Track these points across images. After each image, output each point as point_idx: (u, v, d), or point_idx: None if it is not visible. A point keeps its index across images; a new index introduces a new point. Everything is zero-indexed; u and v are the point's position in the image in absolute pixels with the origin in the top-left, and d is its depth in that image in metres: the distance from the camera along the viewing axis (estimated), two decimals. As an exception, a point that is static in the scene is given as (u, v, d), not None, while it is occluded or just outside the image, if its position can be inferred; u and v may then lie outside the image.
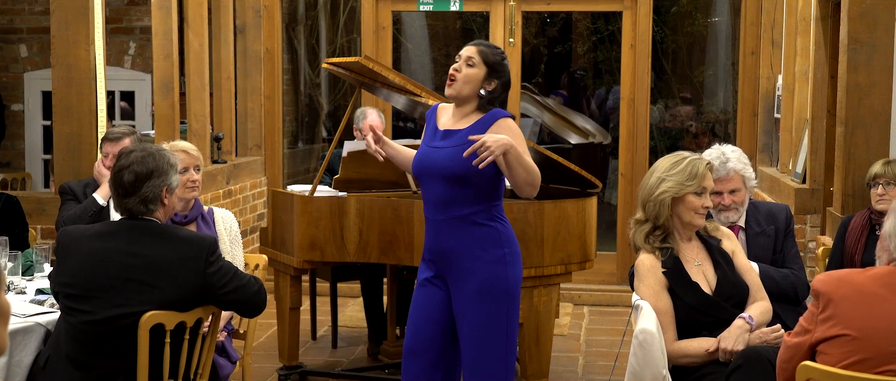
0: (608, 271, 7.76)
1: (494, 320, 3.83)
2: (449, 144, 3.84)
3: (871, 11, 4.98)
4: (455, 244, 3.84)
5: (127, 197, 3.46)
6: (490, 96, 3.87)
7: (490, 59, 3.86)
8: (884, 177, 4.64)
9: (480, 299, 3.82)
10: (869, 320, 2.89)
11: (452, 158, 3.79)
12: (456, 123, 3.90)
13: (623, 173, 7.74)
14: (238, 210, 7.31)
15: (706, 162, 3.84)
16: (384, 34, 7.81)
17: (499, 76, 3.88)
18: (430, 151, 3.88)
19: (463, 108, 3.91)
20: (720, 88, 10.34)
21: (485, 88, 3.86)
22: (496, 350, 3.85)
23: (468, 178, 3.77)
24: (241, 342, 4.55)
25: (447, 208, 3.83)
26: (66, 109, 5.64)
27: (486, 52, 3.87)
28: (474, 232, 3.82)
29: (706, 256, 3.85)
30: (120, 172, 3.47)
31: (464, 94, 3.87)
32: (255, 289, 3.60)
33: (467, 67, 3.86)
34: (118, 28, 9.14)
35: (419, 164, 3.92)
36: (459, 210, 3.82)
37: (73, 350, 3.44)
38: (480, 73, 3.85)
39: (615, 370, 5.55)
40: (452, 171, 3.79)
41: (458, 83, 3.85)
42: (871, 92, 5.01)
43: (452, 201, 3.82)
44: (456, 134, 3.85)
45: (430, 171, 3.86)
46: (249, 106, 7.86)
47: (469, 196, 3.81)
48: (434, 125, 3.97)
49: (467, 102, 3.89)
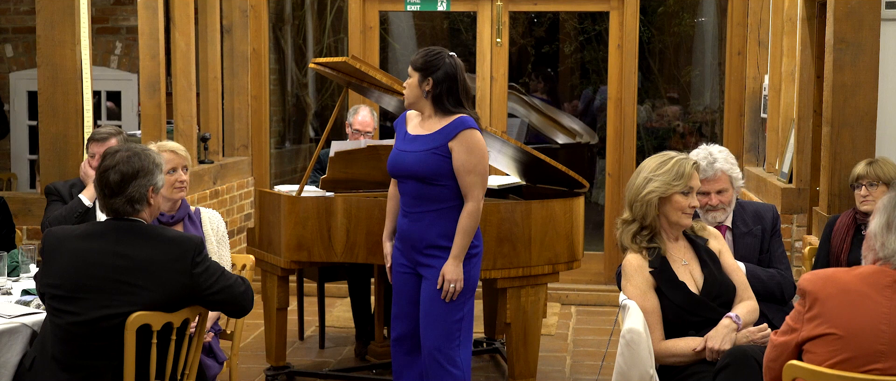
0: (595, 270, 7.77)
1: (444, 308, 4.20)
2: (416, 147, 4.23)
3: (856, 12, 4.99)
4: (422, 233, 4.23)
5: (113, 197, 3.45)
6: (436, 93, 4.21)
7: (418, 64, 4.24)
8: (867, 178, 4.65)
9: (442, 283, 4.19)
10: (855, 319, 2.90)
11: (419, 161, 4.19)
12: (422, 129, 4.28)
13: (610, 173, 7.76)
14: (225, 210, 7.30)
15: (693, 162, 3.85)
16: (371, 34, 7.81)
17: (431, 74, 4.22)
18: (401, 154, 4.27)
19: (423, 113, 4.30)
20: (707, 88, 10.37)
21: (424, 88, 4.22)
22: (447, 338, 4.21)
23: (434, 179, 4.19)
24: (229, 342, 4.54)
25: (420, 202, 4.23)
26: (52, 109, 5.61)
27: (415, 59, 4.27)
28: (443, 225, 4.21)
29: (693, 255, 3.86)
30: (105, 172, 3.46)
31: (412, 101, 4.28)
32: (242, 289, 3.59)
33: (409, 78, 4.27)
34: (104, 28, 9.11)
35: (392, 165, 4.31)
36: (430, 205, 4.22)
37: (59, 351, 3.42)
38: (414, 79, 4.24)
39: (602, 369, 5.56)
40: (420, 172, 4.19)
41: (406, 96, 4.30)
42: (856, 92, 5.03)
43: (424, 196, 4.22)
44: (421, 139, 4.23)
45: (401, 171, 4.26)
46: (236, 106, 7.85)
47: (437, 194, 4.20)
48: (404, 130, 4.33)
49: (421, 107, 4.28)
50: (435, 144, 4.18)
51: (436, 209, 4.20)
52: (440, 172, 4.16)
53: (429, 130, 4.22)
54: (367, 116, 6.32)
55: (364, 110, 6.36)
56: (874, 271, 2.95)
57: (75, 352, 3.41)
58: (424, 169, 4.17)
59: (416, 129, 4.28)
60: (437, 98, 4.21)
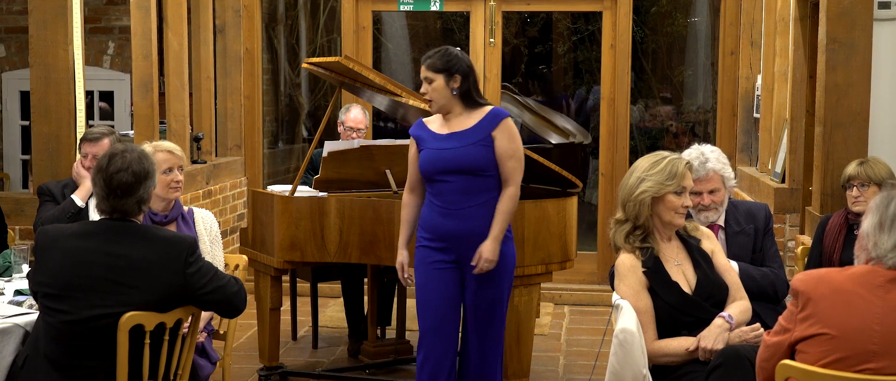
0: (588, 270, 7.78)
1: (502, 291, 4.41)
2: (458, 143, 4.31)
3: (849, 12, 5.00)
4: (475, 227, 4.30)
5: (123, 197, 3.44)
6: (463, 89, 4.32)
7: (439, 65, 4.31)
8: (858, 178, 4.65)
9: (495, 273, 4.34)
10: (847, 319, 2.90)
11: (469, 155, 4.28)
12: (457, 126, 4.35)
13: (603, 173, 7.76)
14: (218, 210, 7.29)
15: (685, 161, 3.85)
16: (364, 34, 7.80)
17: (455, 71, 4.32)
18: (442, 152, 4.31)
19: (452, 113, 4.36)
20: (700, 88, 10.38)
21: (452, 87, 4.31)
22: (501, 319, 4.45)
23: (483, 170, 4.29)
24: (222, 342, 4.53)
25: (469, 196, 4.31)
26: (44, 109, 5.60)
27: (432, 62, 4.32)
28: (490, 215, 4.31)
29: (686, 255, 3.87)
30: (117, 173, 3.44)
31: (442, 104, 4.34)
32: (235, 289, 3.59)
33: (429, 84, 4.32)
34: (97, 28, 9.09)
35: (435, 164, 4.32)
36: (479, 197, 4.31)
37: (51, 351, 3.42)
38: (440, 80, 4.31)
39: (596, 369, 5.56)
40: (471, 165, 4.28)
41: (435, 101, 4.34)
42: (849, 92, 5.04)
43: (472, 190, 4.31)
44: (460, 135, 4.32)
45: (448, 168, 4.29)
46: (229, 106, 7.84)
47: (486, 185, 4.32)
48: (430, 132, 4.38)
49: (450, 107, 4.34)
50: (479, 136, 4.30)
51: (484, 201, 4.32)
52: (489, 163, 4.30)
53: (465, 125, 4.33)
54: (358, 114, 6.33)
55: (356, 108, 6.36)
56: (866, 271, 2.96)
57: (68, 351, 3.40)
58: (475, 161, 4.28)
59: (447, 127, 4.36)
60: (465, 94, 4.34)
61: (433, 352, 4.38)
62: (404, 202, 4.50)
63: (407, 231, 4.49)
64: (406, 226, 4.49)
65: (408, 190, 4.50)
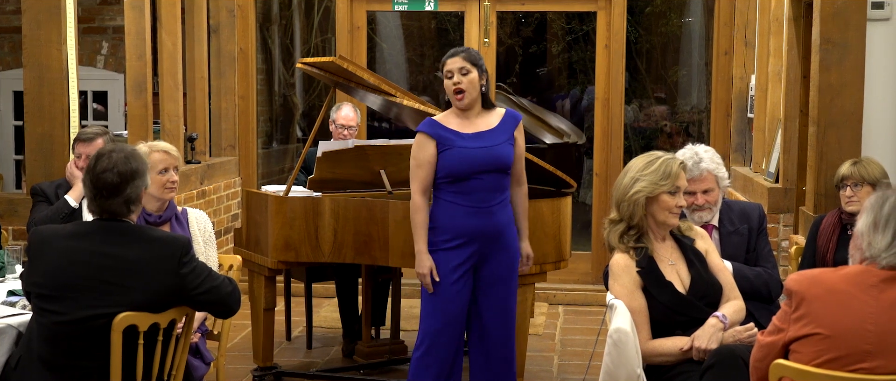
0: (583, 270, 7.78)
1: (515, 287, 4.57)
2: (490, 142, 4.40)
3: (842, 12, 5.01)
4: (503, 221, 4.45)
5: (111, 198, 3.43)
6: (485, 90, 4.46)
7: (475, 60, 4.39)
8: (851, 178, 4.66)
9: (512, 266, 4.52)
10: (841, 318, 2.91)
11: (504, 153, 4.41)
12: (481, 125, 4.44)
13: (598, 173, 7.77)
14: (212, 211, 7.28)
15: (679, 161, 3.86)
16: (359, 34, 7.80)
17: (483, 69, 4.46)
18: (477, 151, 4.37)
19: (471, 111, 4.43)
20: (694, 88, 10.38)
21: (481, 84, 4.41)
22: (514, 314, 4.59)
23: (509, 167, 4.46)
24: (216, 343, 4.53)
25: (499, 193, 4.44)
26: (38, 109, 5.59)
27: (469, 55, 4.40)
28: (508, 211, 4.51)
29: (680, 255, 3.87)
30: (103, 173, 3.43)
31: (474, 98, 4.40)
32: (229, 290, 3.58)
33: (463, 75, 4.37)
34: (90, 28, 9.07)
35: (470, 163, 4.35)
36: (503, 195, 4.47)
37: (44, 351, 3.41)
38: (476, 74, 4.39)
39: (590, 369, 5.56)
40: (506, 163, 4.42)
41: (468, 93, 4.38)
42: (842, 92, 5.04)
43: (501, 187, 4.45)
44: (488, 134, 4.41)
45: (485, 167, 4.37)
46: (223, 106, 7.83)
47: (507, 183, 4.49)
48: (455, 132, 4.39)
49: (475, 104, 4.43)
50: (506, 135, 4.45)
51: (505, 198, 4.49)
52: (512, 161, 4.47)
53: (490, 125, 4.45)
54: (349, 112, 6.32)
55: (347, 106, 6.35)
56: (860, 271, 2.96)
57: (61, 352, 3.39)
58: (508, 160, 4.42)
59: (471, 127, 4.43)
60: (486, 93, 4.47)
61: (444, 353, 4.43)
62: (419, 206, 4.40)
63: (426, 235, 4.41)
64: (424, 230, 4.41)
65: (421, 193, 4.40)
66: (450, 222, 4.38)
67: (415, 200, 4.41)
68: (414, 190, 4.43)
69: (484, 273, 4.47)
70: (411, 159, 4.45)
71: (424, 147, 4.38)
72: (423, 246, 4.40)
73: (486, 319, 4.50)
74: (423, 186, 4.40)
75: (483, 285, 4.48)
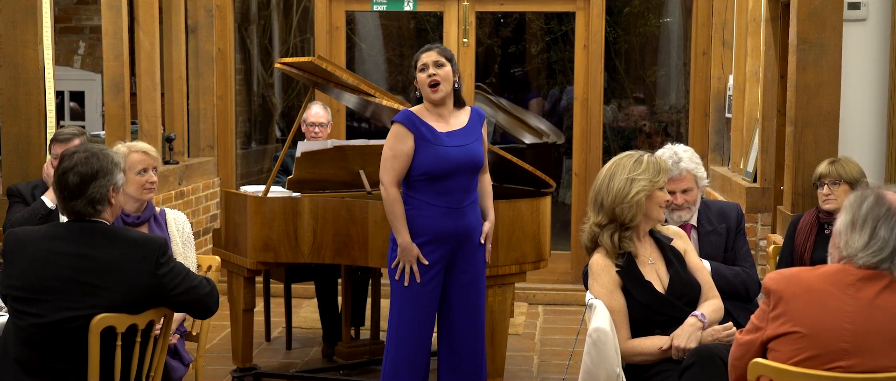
0: (562, 270, 7.80)
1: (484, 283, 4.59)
2: (464, 141, 4.40)
3: (819, 12, 5.04)
4: (473, 222, 4.47)
5: (73, 199, 3.41)
6: (458, 87, 4.46)
7: (449, 55, 4.43)
8: (829, 177, 4.68)
9: (481, 266, 4.53)
10: (818, 317, 2.92)
11: (479, 152, 4.41)
12: (454, 124, 4.43)
13: (577, 173, 7.78)
14: (190, 211, 7.25)
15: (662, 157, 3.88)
16: (338, 34, 7.79)
17: (456, 67, 4.50)
18: (455, 150, 4.36)
19: (443, 107, 4.42)
20: (672, 88, 10.43)
21: (454, 80, 4.43)
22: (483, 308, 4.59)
23: (480, 166, 4.47)
24: (194, 344, 4.51)
25: (470, 193, 4.45)
26: (14, 109, 5.55)
27: (443, 50, 4.42)
28: (479, 211, 4.54)
29: (659, 255, 3.88)
30: (64, 174, 3.41)
31: (447, 92, 4.40)
32: (208, 290, 3.57)
33: (438, 68, 4.37)
34: (67, 27, 9.02)
35: (448, 163, 4.34)
36: (474, 194, 4.48)
37: (21, 354, 3.38)
38: (450, 69, 4.41)
39: (569, 368, 5.57)
40: (479, 162, 4.43)
41: (443, 84, 4.38)
42: (819, 92, 5.07)
43: (472, 187, 4.46)
44: (460, 133, 4.40)
45: (464, 166, 4.37)
46: (202, 106, 7.80)
47: (477, 182, 4.50)
48: (431, 128, 4.36)
49: (447, 101, 4.42)
50: (477, 133, 4.46)
51: (475, 198, 4.50)
52: (483, 160, 4.47)
53: (461, 123, 4.45)
54: (319, 110, 6.31)
55: (316, 105, 6.34)
56: (838, 270, 2.98)
57: (38, 355, 3.37)
58: (481, 159, 4.44)
59: (445, 125, 4.41)
60: (458, 91, 4.47)
61: (415, 356, 4.43)
62: (395, 198, 4.33)
63: (406, 225, 4.36)
64: (404, 220, 4.35)
65: (395, 184, 4.34)
66: (425, 222, 4.36)
67: (390, 192, 4.33)
68: (387, 182, 4.34)
69: (454, 274, 4.47)
70: (386, 150, 4.36)
71: (403, 139, 4.33)
72: (407, 236, 4.35)
73: (456, 319, 4.50)
74: (397, 178, 4.35)
75: (453, 286, 4.48)
